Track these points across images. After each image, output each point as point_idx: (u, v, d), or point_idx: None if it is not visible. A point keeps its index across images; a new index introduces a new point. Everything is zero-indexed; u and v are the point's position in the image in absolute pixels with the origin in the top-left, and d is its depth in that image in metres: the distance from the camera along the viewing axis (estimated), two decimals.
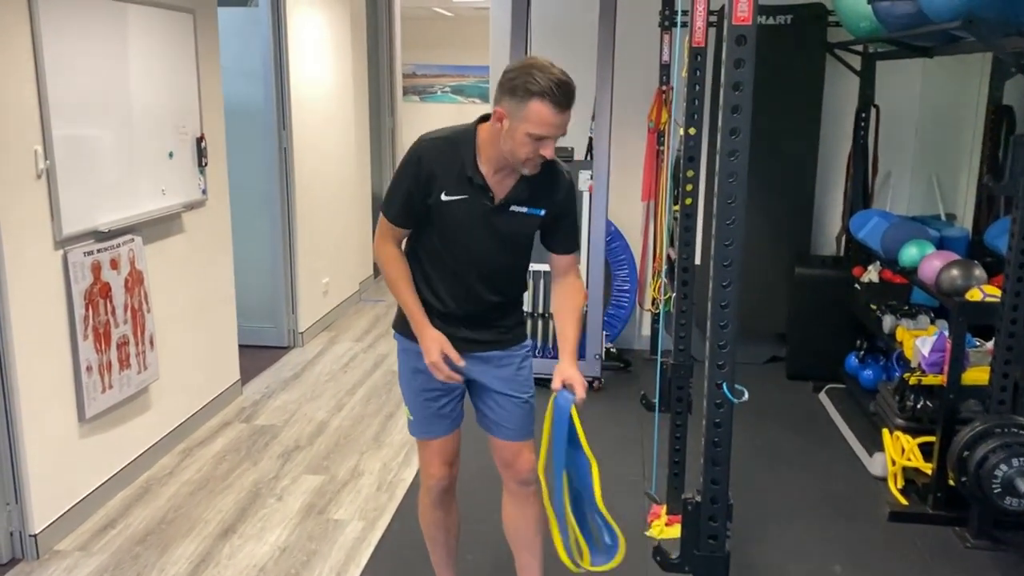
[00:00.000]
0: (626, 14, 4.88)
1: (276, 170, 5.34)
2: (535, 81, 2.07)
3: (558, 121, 2.10)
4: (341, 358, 5.38)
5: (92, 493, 3.40)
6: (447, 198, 2.26)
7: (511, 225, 2.31)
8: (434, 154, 2.25)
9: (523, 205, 2.29)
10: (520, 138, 2.12)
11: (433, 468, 2.52)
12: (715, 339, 2.04)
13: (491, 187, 2.25)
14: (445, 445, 2.51)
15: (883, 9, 3.66)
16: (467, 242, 2.30)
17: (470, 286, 2.35)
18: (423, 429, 2.50)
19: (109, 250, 3.38)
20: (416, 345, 2.38)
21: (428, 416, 2.47)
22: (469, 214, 2.26)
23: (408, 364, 2.46)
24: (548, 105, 2.07)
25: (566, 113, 2.11)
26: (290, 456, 3.95)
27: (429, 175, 2.24)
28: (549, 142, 2.14)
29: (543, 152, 2.15)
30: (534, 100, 2.07)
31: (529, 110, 2.08)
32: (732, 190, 1.96)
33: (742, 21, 1.87)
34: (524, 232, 2.35)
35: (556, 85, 2.07)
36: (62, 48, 3.09)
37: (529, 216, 2.31)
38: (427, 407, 2.45)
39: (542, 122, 2.09)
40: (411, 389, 2.47)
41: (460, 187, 2.24)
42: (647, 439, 3.98)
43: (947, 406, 3.28)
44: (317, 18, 5.73)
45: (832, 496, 3.60)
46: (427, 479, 2.55)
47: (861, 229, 4.42)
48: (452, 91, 12.56)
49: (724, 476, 2.13)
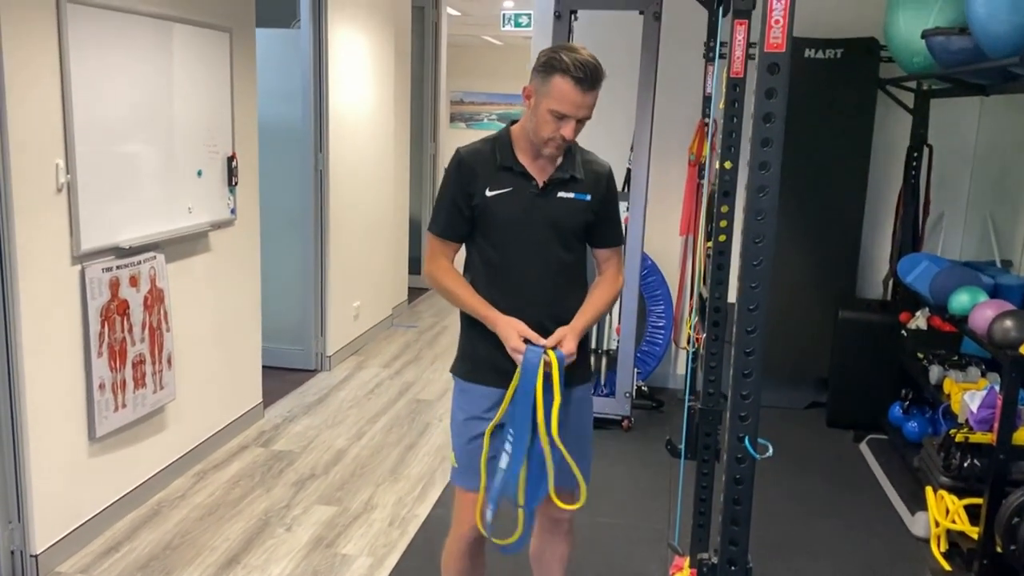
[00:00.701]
0: (673, 44, 4.79)
1: (311, 191, 5.30)
2: (560, 59, 2.09)
3: (579, 100, 2.10)
4: (367, 384, 5.29)
5: (99, 514, 3.33)
6: (492, 193, 2.24)
7: (560, 212, 2.26)
8: (472, 155, 2.27)
9: (569, 191, 2.27)
10: (542, 115, 2.13)
11: (468, 517, 2.36)
12: (737, 388, 1.88)
13: (532, 174, 2.24)
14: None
15: (937, 44, 3.50)
16: (521, 236, 2.24)
17: (531, 294, 2.26)
18: (466, 478, 2.36)
19: (129, 267, 3.34)
20: (475, 387, 2.30)
21: (474, 465, 2.32)
22: (517, 205, 2.23)
23: (462, 408, 2.35)
24: (570, 82, 2.08)
25: (589, 94, 2.11)
26: (304, 484, 3.84)
27: (470, 174, 2.24)
28: (570, 122, 2.13)
29: (563, 132, 2.14)
30: (557, 76, 2.09)
31: (552, 86, 2.10)
32: (761, 229, 1.80)
33: (775, 48, 1.73)
34: (575, 220, 2.28)
35: (580, 64, 2.08)
36: (90, 62, 3.07)
37: (576, 201, 2.27)
38: (474, 456, 2.31)
39: (563, 99, 2.09)
40: (461, 436, 2.35)
41: (502, 180, 2.23)
42: (675, 485, 3.80)
43: (996, 467, 3.06)
44: (360, 42, 5.72)
45: (870, 557, 3.38)
46: (459, 527, 2.40)
47: (910, 273, 4.21)
48: (499, 118, 12.56)
49: (744, 537, 1.97)
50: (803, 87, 4.70)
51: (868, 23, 4.65)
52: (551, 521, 2.47)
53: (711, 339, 3.05)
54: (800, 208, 4.82)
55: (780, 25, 1.73)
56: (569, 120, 2.12)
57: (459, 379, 2.36)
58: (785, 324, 4.86)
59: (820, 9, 4.80)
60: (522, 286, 2.26)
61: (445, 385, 5.34)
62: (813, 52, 4.73)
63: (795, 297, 4.90)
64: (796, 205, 4.81)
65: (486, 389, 2.30)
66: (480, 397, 2.31)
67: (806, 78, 4.71)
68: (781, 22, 1.73)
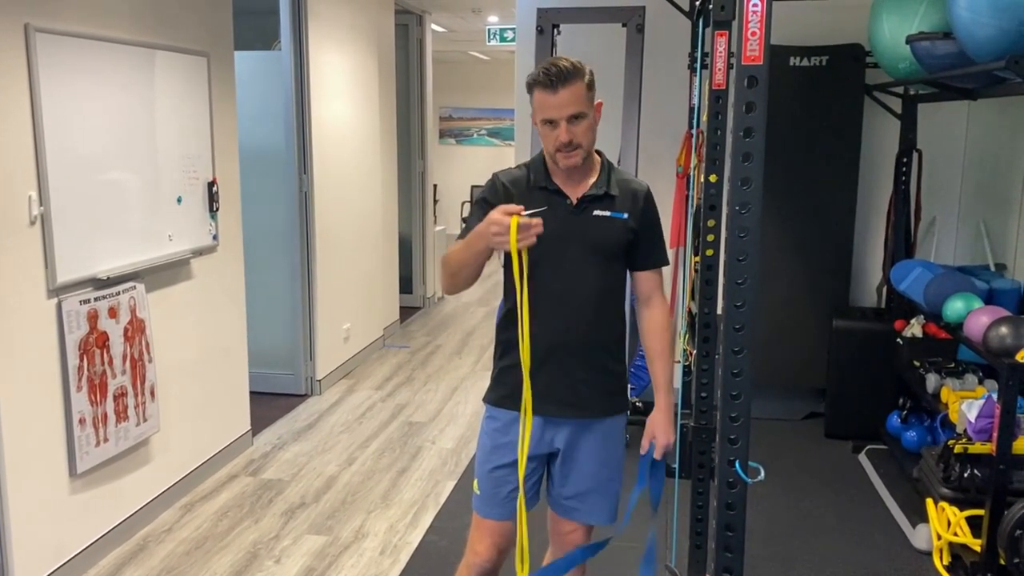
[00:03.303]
0: (657, 55, 4.75)
1: (296, 214, 5.25)
2: (531, 75, 2.16)
3: (553, 101, 2.12)
4: (358, 408, 5.22)
5: (82, 551, 3.25)
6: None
7: (597, 230, 2.23)
8: (507, 177, 2.28)
9: (604, 209, 2.24)
10: (540, 130, 2.18)
11: (481, 547, 2.33)
12: (726, 411, 1.82)
13: (566, 192, 2.24)
14: (502, 530, 2.32)
15: (922, 49, 3.46)
16: (556, 255, 2.20)
17: (569, 315, 2.22)
18: (486, 507, 2.32)
19: (108, 298, 3.28)
20: (502, 414, 2.28)
21: (495, 496, 2.29)
22: (553, 223, 2.16)
23: (489, 436, 2.32)
24: (540, 89, 2.13)
25: (561, 91, 2.11)
26: (294, 514, 3.77)
27: (505, 195, 2.23)
28: (561, 124, 2.14)
29: (559, 136, 2.15)
30: (534, 90, 2.15)
31: (534, 101, 2.16)
32: (744, 247, 1.75)
33: (752, 61, 1.68)
34: (612, 239, 2.24)
35: (545, 69, 2.12)
36: (62, 91, 3.01)
37: (613, 220, 2.24)
38: (497, 486, 2.28)
39: (542, 106, 2.14)
40: (485, 464, 2.31)
41: (537, 199, 2.20)
42: (671, 504, 3.73)
43: (997, 478, 2.99)
44: (342, 61, 5.67)
45: (871, 571, 3.31)
46: (472, 556, 2.35)
47: (903, 280, 4.16)
48: (488, 134, 12.54)
49: (739, 564, 1.90)
50: (789, 95, 4.67)
51: (853, 29, 4.62)
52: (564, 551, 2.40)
53: (702, 355, 3.00)
54: (791, 217, 4.78)
55: (756, 37, 1.68)
56: (557, 123, 2.13)
57: (490, 405, 2.33)
58: (780, 335, 4.80)
59: (804, 17, 4.76)
60: (559, 307, 2.21)
61: (438, 406, 5.27)
62: (799, 60, 4.69)
63: (788, 307, 4.84)
64: (786, 214, 4.76)
65: (513, 415, 2.25)
66: (508, 424, 2.27)
67: (792, 86, 4.67)
68: (757, 34, 1.68)
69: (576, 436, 2.29)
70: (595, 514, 2.35)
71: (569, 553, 2.36)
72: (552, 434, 2.28)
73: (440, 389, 5.62)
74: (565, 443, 2.29)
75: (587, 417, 2.27)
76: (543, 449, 2.29)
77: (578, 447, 2.29)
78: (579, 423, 2.28)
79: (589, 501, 2.33)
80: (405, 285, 7.72)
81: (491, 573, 2.35)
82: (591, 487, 2.33)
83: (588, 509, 2.34)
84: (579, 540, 2.39)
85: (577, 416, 2.27)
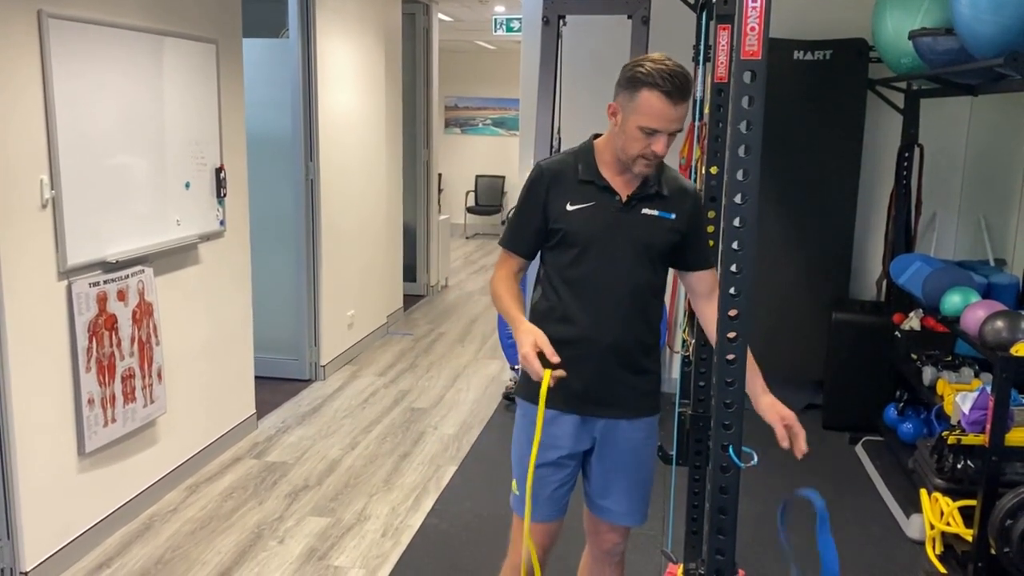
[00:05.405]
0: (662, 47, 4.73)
1: (302, 201, 5.30)
2: (646, 71, 2.00)
3: (670, 113, 2.00)
4: (361, 393, 5.28)
5: (90, 530, 3.31)
6: (572, 207, 2.15)
7: (644, 229, 2.16)
8: (554, 167, 2.19)
9: (653, 208, 2.16)
10: (631, 131, 2.05)
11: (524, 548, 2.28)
12: (721, 397, 1.87)
13: (615, 188, 2.15)
14: (545, 531, 2.30)
15: (924, 45, 3.49)
16: (602, 254, 2.14)
17: (610, 313, 2.16)
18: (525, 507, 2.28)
19: (116, 281, 3.33)
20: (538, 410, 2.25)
21: (534, 496, 2.22)
22: (599, 220, 2.14)
23: (526, 432, 2.23)
24: (658, 95, 1.99)
25: (680, 106, 2.01)
26: (297, 496, 3.83)
27: (550, 187, 2.16)
28: (661, 137, 2.03)
29: (655, 147, 2.04)
30: (644, 90, 2.00)
31: (639, 101, 2.01)
32: (741, 236, 1.79)
33: (751, 55, 1.72)
34: (659, 239, 2.17)
35: (668, 74, 1.98)
36: (74, 77, 3.06)
37: (661, 219, 2.16)
38: (537, 485, 2.23)
39: (652, 113, 2.00)
40: (524, 462, 2.23)
41: (585, 194, 2.15)
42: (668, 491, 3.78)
43: (989, 469, 3.04)
44: (349, 50, 5.71)
45: (865, 560, 3.36)
46: (516, 555, 2.32)
47: (902, 274, 4.20)
48: (493, 123, 12.56)
49: (731, 547, 1.95)
50: (793, 89, 4.70)
51: (857, 24, 4.64)
52: (602, 551, 2.39)
53: (700, 344, 3.04)
54: (792, 210, 4.81)
55: (756, 32, 1.72)
56: (660, 135, 2.02)
57: (523, 401, 2.27)
58: (779, 327, 4.84)
59: (808, 11, 4.79)
60: (601, 306, 2.16)
61: (440, 393, 5.33)
62: (802, 54, 4.72)
63: (788, 300, 4.88)
64: (787, 207, 4.80)
65: (550, 412, 2.20)
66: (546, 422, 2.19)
67: (796, 80, 4.70)
68: (757, 28, 1.72)
69: (609, 435, 2.25)
70: (626, 515, 2.31)
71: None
72: (587, 432, 2.24)
73: (442, 376, 5.67)
74: (599, 442, 2.25)
75: (621, 416, 2.22)
76: (580, 447, 2.25)
77: (611, 446, 2.25)
78: (612, 422, 2.23)
79: (621, 502, 2.29)
80: (409, 273, 7.77)
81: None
82: (624, 487, 2.29)
83: (620, 510, 2.30)
84: (616, 539, 2.37)
85: (611, 415, 2.22)
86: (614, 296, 2.16)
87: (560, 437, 2.23)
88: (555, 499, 2.27)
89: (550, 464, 2.24)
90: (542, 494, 2.26)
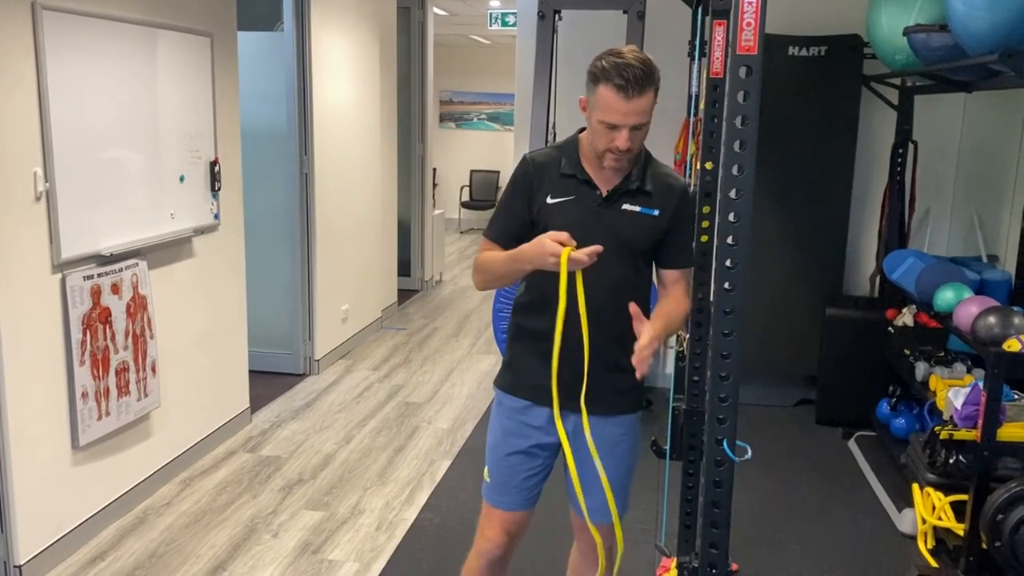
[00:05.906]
0: (658, 42, 4.76)
1: (296, 195, 5.29)
2: (601, 66, 2.00)
3: (625, 108, 1.98)
4: (356, 387, 5.28)
5: (84, 523, 3.31)
6: (552, 200, 2.14)
7: (625, 225, 2.13)
8: (540, 159, 2.19)
9: (635, 203, 2.14)
10: (595, 126, 2.05)
11: (491, 533, 2.30)
12: (715, 391, 1.88)
13: (596, 182, 2.14)
14: (513, 520, 2.30)
15: (919, 41, 3.49)
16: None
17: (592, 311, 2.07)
18: (496, 496, 2.30)
19: (111, 274, 3.32)
20: (514, 401, 2.24)
21: (507, 484, 2.26)
22: (579, 214, 2.12)
23: (500, 422, 2.28)
24: (612, 90, 1.98)
25: (636, 99, 1.98)
26: (291, 490, 3.83)
27: (534, 179, 2.16)
28: (623, 131, 2.01)
29: (617, 143, 2.02)
30: (600, 85, 2.00)
31: (598, 96, 2.01)
32: (736, 231, 1.80)
33: (747, 51, 1.72)
34: (640, 236, 2.15)
35: (621, 68, 1.96)
36: (68, 69, 3.05)
37: (643, 216, 2.14)
38: (508, 474, 2.26)
39: (609, 108, 1.99)
40: (497, 450, 2.28)
41: (565, 188, 2.14)
42: (662, 486, 3.79)
43: (981, 464, 3.05)
44: (344, 43, 5.70)
45: (857, 554, 3.38)
46: (482, 542, 2.33)
47: (896, 270, 4.21)
48: (488, 118, 12.54)
49: (724, 540, 1.96)
50: (788, 85, 4.70)
51: (852, 20, 4.65)
52: (588, 545, 2.39)
53: (695, 339, 3.05)
54: (786, 206, 4.82)
55: (752, 27, 1.73)
56: (621, 129, 2.00)
57: (500, 391, 2.29)
58: (773, 322, 4.86)
59: (803, 7, 4.80)
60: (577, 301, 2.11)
61: (434, 387, 5.33)
62: (797, 50, 4.72)
63: (782, 295, 4.90)
64: (782, 203, 4.81)
65: (524, 403, 2.24)
66: (520, 411, 2.24)
67: (790, 76, 4.71)
68: (752, 24, 1.73)
69: (582, 430, 2.19)
70: (597, 511, 2.25)
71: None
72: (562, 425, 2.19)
73: (436, 371, 5.68)
74: (572, 436, 2.21)
75: (594, 413, 2.16)
76: (552, 439, 2.24)
77: (584, 441, 2.19)
78: (590, 418, 2.16)
79: (593, 498, 2.25)
80: (403, 268, 7.77)
81: (502, 560, 2.34)
82: (596, 484, 2.23)
83: (591, 505, 2.24)
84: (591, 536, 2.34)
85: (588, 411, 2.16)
86: (590, 292, 2.08)
87: (532, 427, 2.25)
88: (524, 488, 2.28)
89: (521, 452, 2.26)
90: (512, 482, 2.27)
